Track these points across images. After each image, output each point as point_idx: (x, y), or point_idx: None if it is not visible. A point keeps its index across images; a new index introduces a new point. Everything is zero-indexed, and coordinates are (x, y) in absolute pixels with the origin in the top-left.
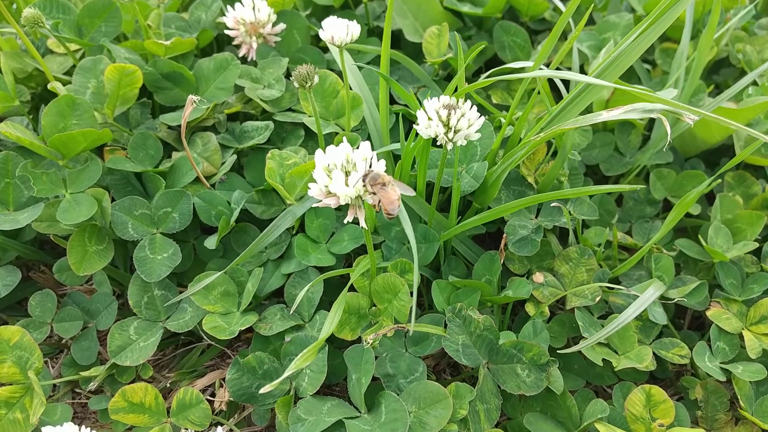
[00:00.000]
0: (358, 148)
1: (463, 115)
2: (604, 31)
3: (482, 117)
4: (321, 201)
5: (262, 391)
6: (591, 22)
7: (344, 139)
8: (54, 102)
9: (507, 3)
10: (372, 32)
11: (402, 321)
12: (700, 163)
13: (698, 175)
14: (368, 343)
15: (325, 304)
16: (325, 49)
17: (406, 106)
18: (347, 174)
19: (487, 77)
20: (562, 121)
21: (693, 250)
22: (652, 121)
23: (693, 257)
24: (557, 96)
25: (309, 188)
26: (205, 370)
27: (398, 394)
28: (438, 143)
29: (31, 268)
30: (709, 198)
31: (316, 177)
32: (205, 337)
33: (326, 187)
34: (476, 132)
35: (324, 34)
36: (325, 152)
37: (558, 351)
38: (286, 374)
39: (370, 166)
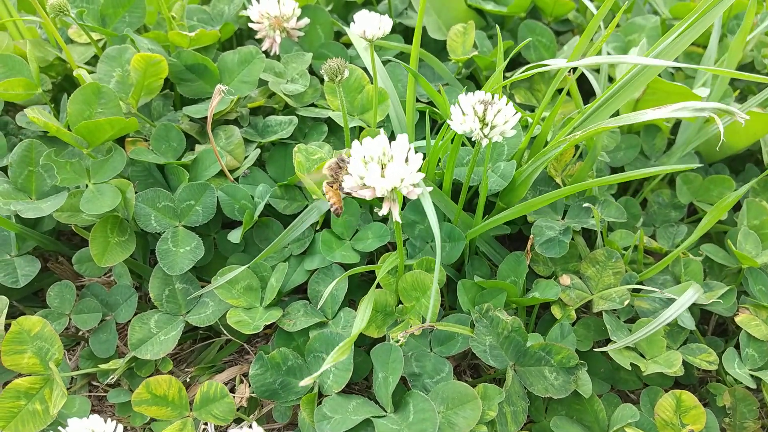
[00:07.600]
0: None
1: (499, 111)
2: (629, 32)
3: (518, 113)
4: (353, 193)
5: (302, 383)
6: None
7: (381, 131)
8: (80, 90)
9: (531, 2)
10: (393, 29)
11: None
12: (725, 168)
13: (725, 180)
14: (397, 341)
15: (346, 301)
16: (348, 45)
17: (429, 103)
18: (383, 167)
19: (525, 71)
20: (595, 121)
21: (719, 255)
22: (676, 125)
23: (719, 263)
24: (584, 98)
25: (343, 180)
26: (223, 365)
27: (425, 394)
28: (472, 139)
29: (47, 259)
30: None
31: (352, 168)
32: (223, 333)
33: (362, 178)
34: (512, 129)
35: (355, 28)
36: (355, 146)
37: (588, 351)
38: (324, 368)
39: (407, 160)
